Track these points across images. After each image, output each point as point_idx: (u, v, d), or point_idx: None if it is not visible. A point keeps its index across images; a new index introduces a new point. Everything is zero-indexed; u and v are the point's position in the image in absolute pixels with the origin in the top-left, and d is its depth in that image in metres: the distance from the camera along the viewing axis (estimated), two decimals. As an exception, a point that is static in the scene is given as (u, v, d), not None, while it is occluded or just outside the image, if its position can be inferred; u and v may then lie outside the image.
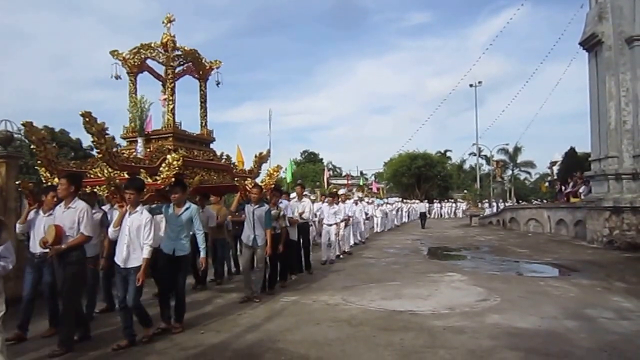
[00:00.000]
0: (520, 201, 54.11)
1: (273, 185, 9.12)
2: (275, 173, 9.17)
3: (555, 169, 30.51)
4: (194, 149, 9.36)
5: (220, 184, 9.36)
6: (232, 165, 10.04)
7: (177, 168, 7.20)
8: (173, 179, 6.97)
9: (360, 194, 22.45)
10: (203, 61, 9.93)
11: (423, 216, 31.20)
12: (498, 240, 19.39)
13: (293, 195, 11.90)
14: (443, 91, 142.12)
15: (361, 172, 62.78)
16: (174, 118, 8.94)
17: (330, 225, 12.77)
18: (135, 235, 5.49)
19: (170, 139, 8.87)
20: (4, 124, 8.32)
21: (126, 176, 7.12)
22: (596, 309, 6.92)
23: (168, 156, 7.40)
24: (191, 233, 7.95)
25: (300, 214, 10.57)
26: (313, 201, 13.41)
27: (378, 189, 44.72)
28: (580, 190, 19.31)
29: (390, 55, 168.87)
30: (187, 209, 6.39)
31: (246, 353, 5.23)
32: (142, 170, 7.34)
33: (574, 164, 25.86)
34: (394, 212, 28.84)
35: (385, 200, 28.31)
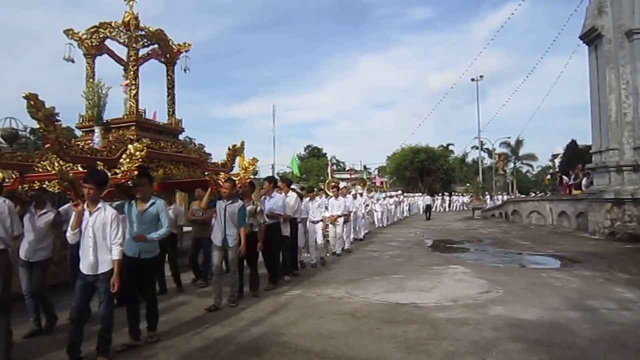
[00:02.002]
0: (519, 194, 54.07)
1: (249, 180, 8.46)
2: (251, 167, 8.47)
3: (557, 161, 30.55)
4: (161, 139, 8.56)
5: (190, 179, 8.60)
6: (202, 158, 9.24)
7: (140, 159, 6.43)
8: (136, 172, 6.21)
9: (359, 188, 21.66)
10: (170, 43, 9.08)
11: (428, 208, 32.47)
12: (500, 233, 19.41)
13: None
14: (445, 85, 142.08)
15: (364, 167, 63.05)
16: (137, 105, 8.19)
17: (316, 222, 11.35)
18: (102, 236, 4.80)
19: (133, 128, 8.09)
20: (9, 121, 8.37)
21: (81, 169, 6.45)
22: (598, 299, 6.96)
23: (129, 146, 6.59)
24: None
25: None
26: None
27: (381, 182, 44.78)
28: (583, 183, 19.31)
29: (393, 50, 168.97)
30: (152, 204, 5.50)
31: (251, 346, 5.27)
32: (99, 162, 6.60)
33: (575, 157, 25.94)
34: (394, 206, 28.34)
35: (386, 194, 27.97)
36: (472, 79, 46.80)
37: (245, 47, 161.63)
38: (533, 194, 46.47)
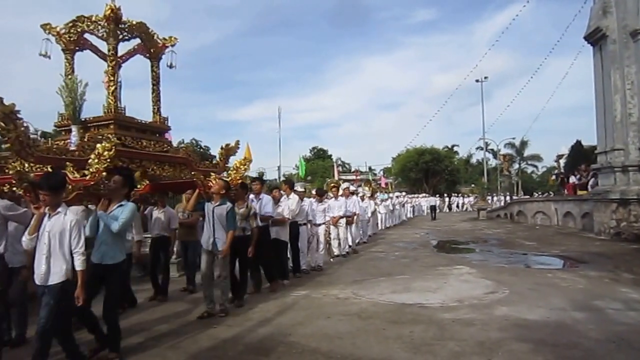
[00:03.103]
0: (521, 194, 53.97)
1: (240, 181, 8.03)
2: (242, 167, 8.09)
3: (562, 162, 30.42)
4: (143, 138, 8.09)
5: (180, 180, 8.18)
6: (191, 158, 8.73)
7: (108, 160, 6.01)
8: (104, 173, 5.85)
9: (361, 189, 20.94)
10: (155, 38, 8.65)
11: (433, 209, 33.91)
12: (506, 233, 19.39)
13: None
14: (449, 87, 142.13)
15: (370, 168, 63.05)
16: (116, 102, 7.74)
17: (319, 225, 10.97)
18: (58, 244, 4.30)
19: (112, 126, 7.63)
20: None
21: (49, 170, 5.98)
22: (604, 300, 6.96)
23: (98, 145, 6.15)
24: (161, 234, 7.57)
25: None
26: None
27: (386, 184, 44.79)
28: (590, 183, 19.27)
29: (397, 52, 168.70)
30: (120, 206, 5.02)
31: (258, 347, 5.31)
32: (68, 163, 6.15)
33: (580, 157, 25.87)
34: (398, 207, 27.93)
35: (390, 195, 27.77)
36: (477, 80, 46.85)
37: (251, 49, 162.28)
38: (537, 195, 46.47)
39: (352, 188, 15.58)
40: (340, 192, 13.64)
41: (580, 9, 20.66)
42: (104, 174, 5.79)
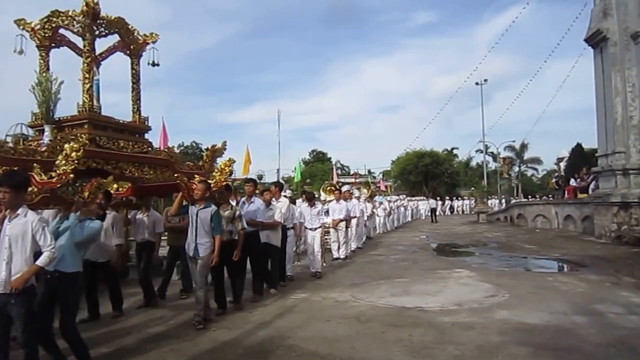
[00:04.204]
0: (518, 197, 54.01)
1: (225, 183, 7.67)
2: (227, 168, 7.66)
3: (563, 165, 30.38)
4: (121, 139, 7.72)
5: (164, 182, 7.85)
6: (173, 159, 8.28)
7: (76, 161, 5.70)
8: (72, 175, 5.60)
9: (358, 191, 20.15)
10: (135, 34, 8.33)
11: (433, 211, 34.49)
12: (506, 237, 19.36)
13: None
14: (449, 89, 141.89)
15: (369, 171, 62.98)
16: (91, 100, 7.38)
17: (315, 229, 10.62)
18: (20, 248, 4.06)
19: (86, 126, 7.24)
20: (20, 127, 8.33)
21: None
22: (605, 304, 6.93)
23: (66, 145, 5.83)
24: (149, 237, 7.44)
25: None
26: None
27: (386, 186, 44.79)
28: (591, 186, 19.25)
29: (397, 55, 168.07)
30: (90, 219, 4.89)
31: (257, 350, 5.30)
32: (36, 164, 5.80)
33: (581, 160, 25.81)
34: (395, 210, 27.30)
35: (388, 198, 27.45)
36: (477, 83, 46.82)
37: (251, 52, 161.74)
38: (532, 198, 46.44)
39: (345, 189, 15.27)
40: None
41: (580, 11, 20.66)
42: (72, 175, 5.55)
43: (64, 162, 5.56)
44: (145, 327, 6.31)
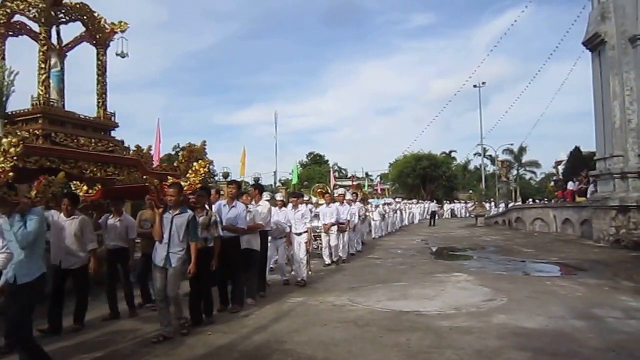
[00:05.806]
0: (517, 201, 54.00)
1: (200, 185, 7.08)
2: (202, 169, 7.08)
3: (561, 168, 30.39)
4: (83, 136, 7.25)
5: (136, 184, 7.41)
6: (143, 160, 7.84)
7: (14, 158, 5.29)
8: (10, 173, 5.15)
9: (348, 195, 18.77)
10: (102, 23, 7.81)
11: (433, 215, 34.68)
12: (504, 241, 19.34)
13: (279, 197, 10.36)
14: (447, 92, 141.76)
15: (367, 174, 62.99)
16: (47, 93, 6.96)
17: (300, 234, 9.73)
18: None
19: (40, 121, 6.80)
20: None
21: None
22: (604, 308, 6.91)
23: (4, 141, 5.37)
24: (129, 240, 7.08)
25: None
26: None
27: (383, 190, 44.76)
28: (591, 190, 19.25)
29: (395, 57, 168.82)
30: (30, 213, 4.47)
31: (253, 354, 5.25)
32: None
33: (579, 164, 25.79)
34: (391, 213, 25.97)
35: (384, 201, 26.99)
36: (475, 86, 46.81)
37: (248, 53, 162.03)
38: (538, 201, 46.43)
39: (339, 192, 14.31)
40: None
41: (579, 15, 20.77)
42: (11, 174, 5.11)
43: (2, 159, 5.13)
44: (138, 332, 6.24)
